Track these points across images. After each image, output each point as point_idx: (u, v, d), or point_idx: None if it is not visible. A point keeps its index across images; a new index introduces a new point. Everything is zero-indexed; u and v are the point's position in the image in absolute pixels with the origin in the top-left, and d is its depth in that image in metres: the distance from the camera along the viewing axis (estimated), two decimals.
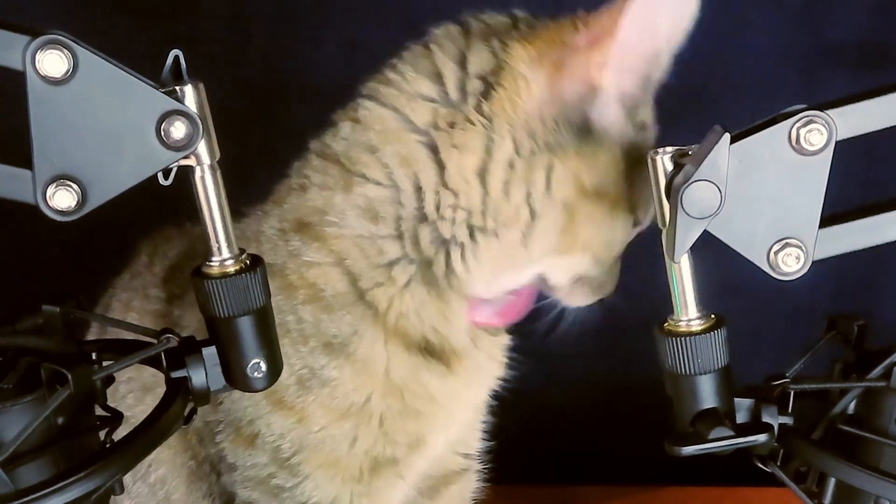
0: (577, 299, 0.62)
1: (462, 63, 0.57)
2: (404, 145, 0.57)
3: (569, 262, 0.59)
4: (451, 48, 0.58)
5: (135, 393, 0.64)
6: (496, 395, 0.68)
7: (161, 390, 0.60)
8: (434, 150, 0.57)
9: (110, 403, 0.48)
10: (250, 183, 0.63)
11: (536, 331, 0.64)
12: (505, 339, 0.66)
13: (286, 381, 0.59)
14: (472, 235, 0.58)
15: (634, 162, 0.57)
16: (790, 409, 0.50)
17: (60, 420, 0.45)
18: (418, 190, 0.58)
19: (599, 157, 0.56)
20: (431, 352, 0.60)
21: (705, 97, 0.90)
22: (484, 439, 0.70)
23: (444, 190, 0.57)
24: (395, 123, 0.58)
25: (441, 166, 0.57)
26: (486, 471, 0.72)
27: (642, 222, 0.60)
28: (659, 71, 0.57)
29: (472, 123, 0.56)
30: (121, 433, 0.47)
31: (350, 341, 0.59)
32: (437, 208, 0.58)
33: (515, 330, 0.66)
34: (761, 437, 0.48)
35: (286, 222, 0.61)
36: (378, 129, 0.58)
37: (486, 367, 0.64)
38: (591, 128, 0.56)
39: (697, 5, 0.54)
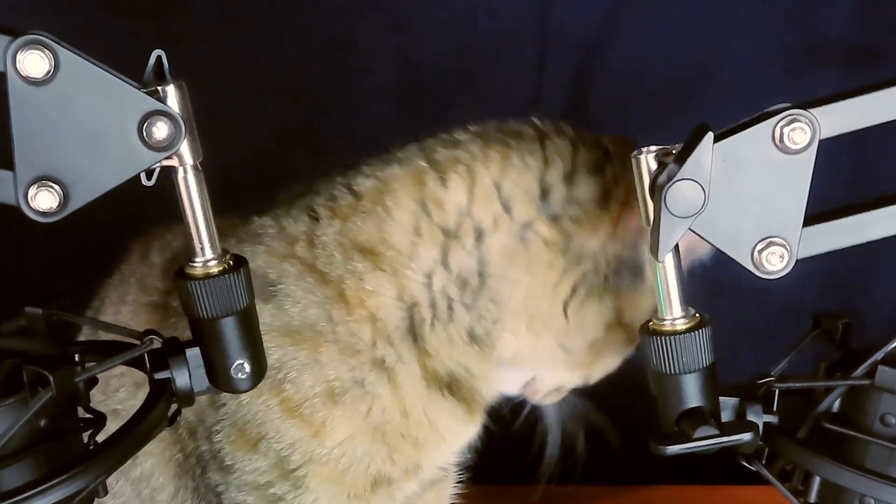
0: (545, 399, 0.67)
1: (569, 181, 0.60)
2: (506, 232, 0.60)
3: (569, 375, 0.65)
4: (562, 160, 0.61)
5: (127, 388, 0.63)
6: None
7: None
8: (526, 248, 0.60)
9: (101, 398, 0.48)
10: (235, 183, 0.63)
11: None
12: None
13: (309, 390, 0.59)
14: (520, 327, 0.62)
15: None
16: (775, 408, 0.50)
17: (43, 422, 0.44)
18: (504, 279, 0.60)
19: (640, 297, 0.61)
20: (455, 392, 0.62)
21: (692, 96, 0.90)
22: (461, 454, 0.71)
23: (523, 288, 0.60)
24: (498, 204, 0.60)
25: (529, 268, 0.60)
26: (473, 471, 0.72)
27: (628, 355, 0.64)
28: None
29: (559, 242, 0.60)
30: (113, 428, 0.46)
31: (396, 367, 0.60)
32: (512, 299, 0.61)
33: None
34: (746, 436, 0.48)
35: (348, 240, 0.60)
36: (483, 200, 0.60)
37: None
38: (642, 270, 0.60)
39: None
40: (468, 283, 0.60)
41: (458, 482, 0.71)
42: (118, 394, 0.64)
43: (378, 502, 0.62)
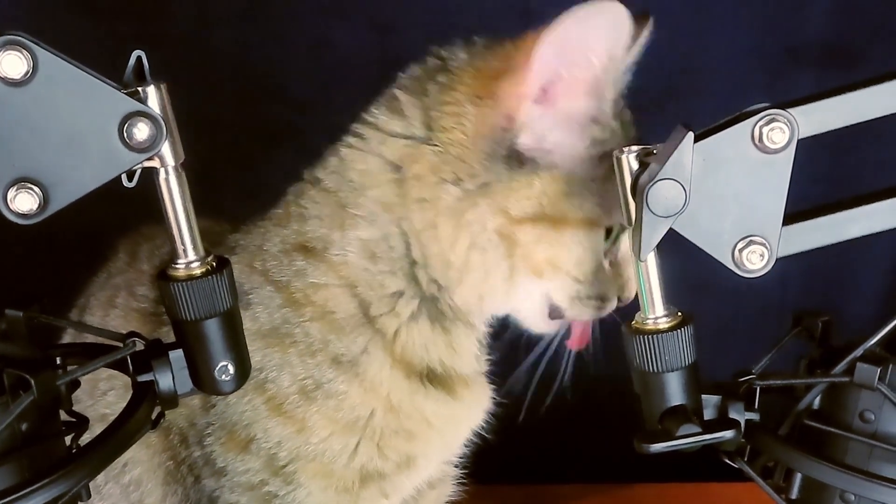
0: (582, 315, 0.62)
1: (423, 101, 0.59)
2: (384, 190, 0.59)
3: (551, 283, 0.60)
4: (413, 86, 0.60)
5: (116, 391, 0.63)
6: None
7: None
8: (401, 180, 0.59)
9: (89, 402, 0.48)
10: (218, 184, 0.63)
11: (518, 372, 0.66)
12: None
13: (288, 389, 0.60)
14: (446, 270, 0.60)
15: (595, 175, 0.58)
16: (756, 406, 0.51)
17: (24, 426, 0.44)
18: (404, 234, 0.60)
19: (534, 184, 0.58)
20: (433, 380, 0.62)
21: (670, 96, 0.90)
22: (466, 446, 0.71)
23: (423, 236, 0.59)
24: (376, 164, 0.60)
25: (405, 197, 0.59)
26: (462, 472, 0.72)
27: (615, 226, 0.60)
28: (610, 89, 0.58)
29: (428, 158, 0.58)
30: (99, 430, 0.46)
31: (359, 360, 0.60)
32: (423, 253, 0.60)
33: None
34: (728, 434, 0.49)
35: (289, 245, 0.62)
36: (360, 169, 0.60)
37: (484, 390, 0.66)
38: (521, 158, 0.57)
39: (629, 25, 0.55)
40: (377, 255, 0.60)
41: (459, 480, 0.71)
42: (106, 397, 0.63)
43: (368, 496, 0.62)
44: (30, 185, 0.44)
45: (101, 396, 0.63)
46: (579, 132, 0.58)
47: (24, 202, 0.44)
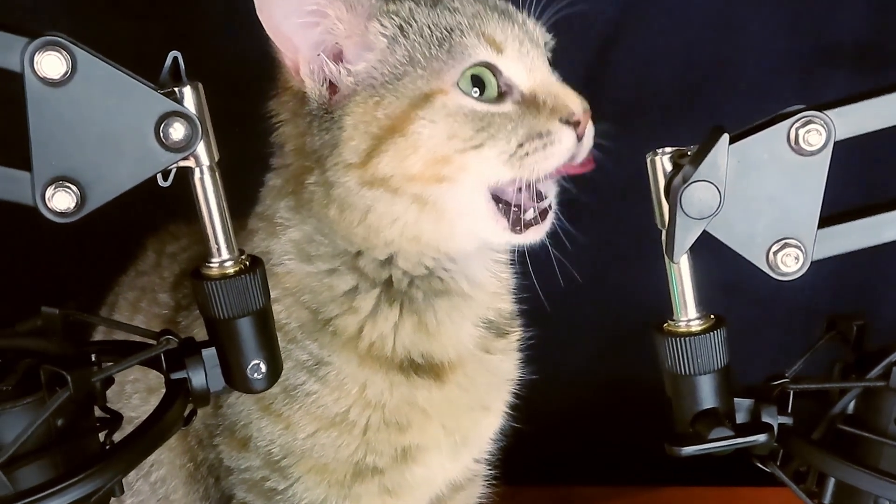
0: (537, 168, 0.55)
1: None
2: (285, 201, 0.60)
3: (463, 175, 0.55)
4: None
5: (140, 394, 0.64)
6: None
7: None
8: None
9: (115, 404, 0.48)
10: (250, 184, 0.63)
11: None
12: (516, 337, 0.65)
13: (273, 389, 0.58)
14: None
15: (393, 59, 0.56)
16: (790, 410, 0.50)
17: (60, 422, 0.45)
18: (320, 230, 0.59)
19: (346, 123, 0.56)
20: (416, 369, 0.61)
21: (704, 97, 0.90)
22: (495, 442, 0.70)
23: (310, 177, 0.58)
24: (273, 182, 0.61)
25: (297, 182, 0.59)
26: (491, 472, 0.72)
27: (468, 70, 0.55)
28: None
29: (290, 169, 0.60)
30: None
31: (321, 364, 0.60)
32: (350, 241, 0.59)
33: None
34: (761, 438, 0.48)
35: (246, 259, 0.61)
36: (269, 186, 0.61)
37: (496, 370, 0.64)
38: (328, 111, 0.57)
39: None
40: (311, 254, 0.59)
41: (488, 483, 0.71)
42: (132, 400, 0.64)
43: (366, 493, 0.61)
44: (67, 184, 0.45)
45: (128, 400, 0.64)
46: (356, 51, 0.57)
47: (61, 201, 0.45)
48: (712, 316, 0.49)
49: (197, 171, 0.47)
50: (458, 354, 0.62)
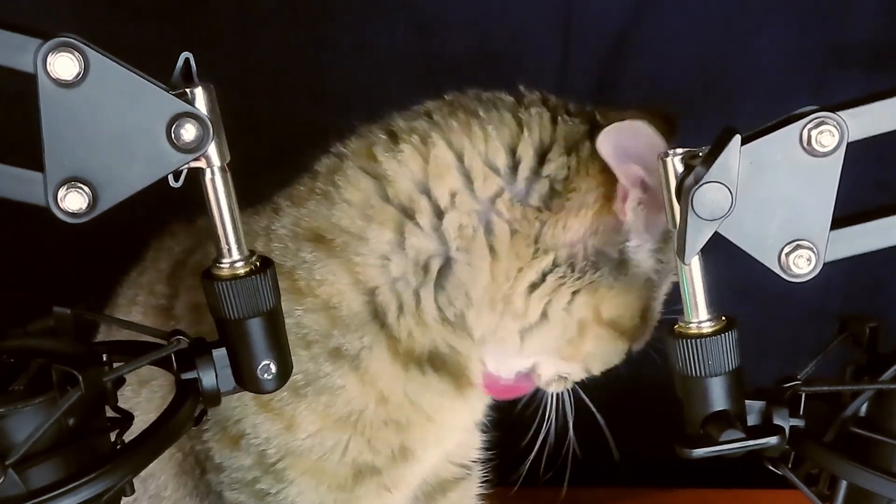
0: (549, 387, 0.64)
1: (541, 159, 0.56)
2: (466, 211, 0.56)
3: (564, 366, 0.62)
4: (536, 136, 0.56)
5: (132, 386, 0.63)
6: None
7: (157, 383, 0.60)
8: (488, 231, 0.56)
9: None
10: (260, 185, 0.63)
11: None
12: None
13: None
14: (484, 307, 0.58)
15: (646, 300, 0.59)
16: (801, 412, 0.50)
17: (71, 421, 0.45)
18: (470, 264, 0.57)
19: (624, 293, 0.58)
20: (437, 367, 0.60)
21: (716, 98, 0.90)
22: (482, 448, 0.70)
23: (487, 272, 0.57)
24: (460, 181, 0.56)
25: (493, 252, 0.56)
26: (494, 474, 0.72)
27: (634, 351, 0.62)
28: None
29: (530, 224, 0.56)
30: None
31: (360, 355, 0.58)
32: (478, 283, 0.57)
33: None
34: (772, 440, 0.48)
35: (301, 228, 0.58)
36: (444, 179, 0.56)
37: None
38: (626, 265, 0.57)
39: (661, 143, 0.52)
40: (429, 268, 0.56)
41: (483, 482, 0.71)
42: (124, 392, 0.63)
43: (366, 493, 0.61)
44: (80, 185, 0.45)
45: (120, 393, 0.64)
46: (658, 251, 0.58)
47: (73, 201, 0.45)
48: (723, 318, 0.49)
49: (208, 171, 0.47)
50: (478, 371, 0.61)
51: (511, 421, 0.69)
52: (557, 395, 0.64)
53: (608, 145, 0.53)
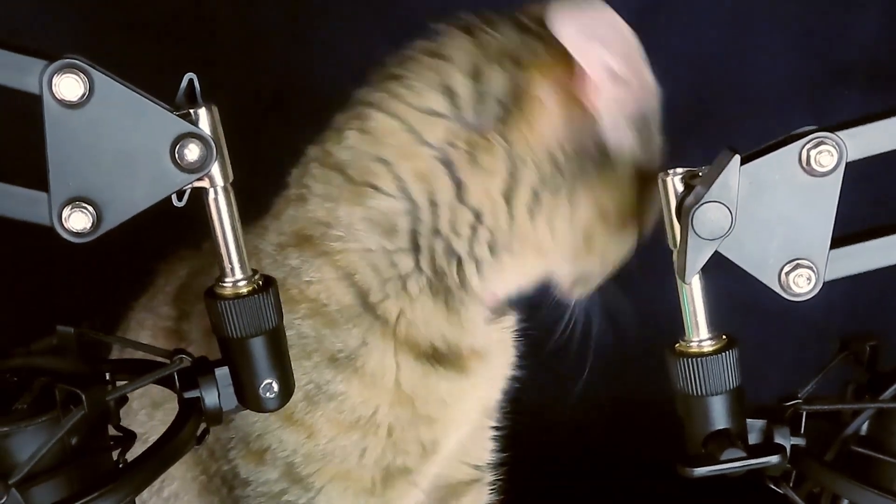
0: (574, 294, 0.62)
1: (477, 81, 0.56)
2: (420, 160, 0.57)
3: (580, 269, 0.61)
4: (463, 62, 0.56)
5: (146, 410, 0.64)
6: (509, 416, 0.68)
7: (170, 405, 0.60)
8: (449, 166, 0.57)
9: (123, 422, 0.48)
10: (264, 203, 0.63)
11: (551, 339, 0.64)
12: (511, 323, 0.65)
13: (294, 396, 0.57)
14: (493, 252, 0.58)
15: (643, 180, 0.58)
16: (802, 431, 0.50)
17: (74, 440, 0.45)
18: (433, 205, 0.57)
19: (617, 180, 0.57)
20: (439, 358, 0.60)
21: (714, 117, 0.90)
22: (494, 451, 0.70)
23: (462, 207, 0.57)
24: (407, 137, 0.57)
25: (458, 184, 0.57)
26: (499, 490, 0.72)
27: (645, 235, 0.60)
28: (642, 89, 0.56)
29: (493, 146, 0.56)
30: (135, 450, 0.47)
31: (357, 354, 0.58)
32: (454, 224, 0.58)
33: (530, 339, 0.66)
34: (773, 459, 0.48)
35: (284, 236, 0.59)
36: (390, 143, 0.57)
37: (498, 361, 0.64)
38: (607, 152, 0.56)
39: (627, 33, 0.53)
40: (397, 227, 0.57)
41: (494, 489, 0.71)
42: (138, 416, 0.64)
43: (396, 494, 0.61)
44: (84, 205, 0.45)
45: (134, 416, 0.64)
46: (641, 130, 0.57)
47: (78, 221, 0.45)
48: (724, 336, 0.49)
49: (211, 191, 0.48)
50: (483, 343, 0.61)
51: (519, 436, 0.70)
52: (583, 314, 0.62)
53: (568, 26, 0.52)
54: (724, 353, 0.48)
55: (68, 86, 0.44)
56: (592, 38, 0.53)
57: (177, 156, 0.46)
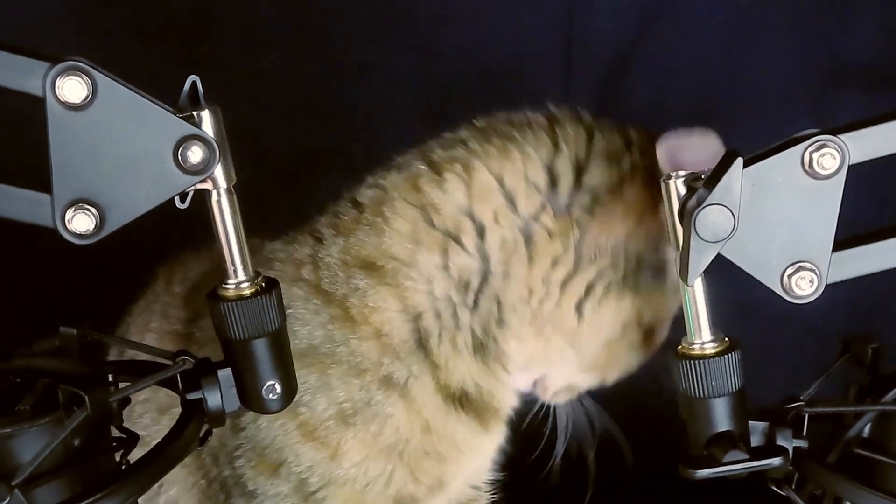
0: (555, 399, 0.65)
1: (580, 170, 0.58)
2: (507, 229, 0.58)
3: (579, 374, 0.63)
4: (573, 150, 0.58)
5: (151, 414, 0.64)
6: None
7: (177, 411, 0.61)
8: (528, 241, 0.58)
9: (126, 424, 0.49)
10: (265, 206, 0.64)
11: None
12: None
13: (323, 413, 0.58)
14: (526, 329, 0.60)
15: (676, 306, 0.60)
16: (805, 433, 0.50)
17: (77, 442, 0.45)
18: (506, 276, 0.58)
19: (661, 296, 0.59)
20: (465, 404, 0.61)
21: (717, 120, 0.90)
22: (494, 471, 0.70)
23: (524, 284, 0.58)
24: (503, 202, 0.58)
25: (531, 261, 0.58)
26: (499, 489, 0.72)
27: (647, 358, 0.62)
28: None
29: (571, 232, 0.57)
30: (137, 454, 0.47)
31: (408, 383, 0.59)
32: (514, 296, 0.59)
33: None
34: (776, 461, 0.48)
35: (350, 256, 0.59)
36: (486, 202, 0.58)
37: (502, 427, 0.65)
38: (664, 268, 0.58)
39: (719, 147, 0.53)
40: (469, 285, 0.58)
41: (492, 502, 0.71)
42: (143, 419, 0.64)
43: None
44: (87, 207, 0.45)
45: (138, 418, 0.64)
46: None
47: (81, 223, 0.45)
48: (727, 339, 0.49)
49: (214, 193, 0.48)
50: (507, 405, 0.63)
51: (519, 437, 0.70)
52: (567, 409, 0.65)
53: (668, 152, 0.54)
54: (726, 356, 0.48)
55: (72, 88, 0.44)
56: (683, 164, 0.53)
57: (180, 158, 0.46)
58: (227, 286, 0.49)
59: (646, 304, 0.59)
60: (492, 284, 0.58)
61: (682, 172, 0.48)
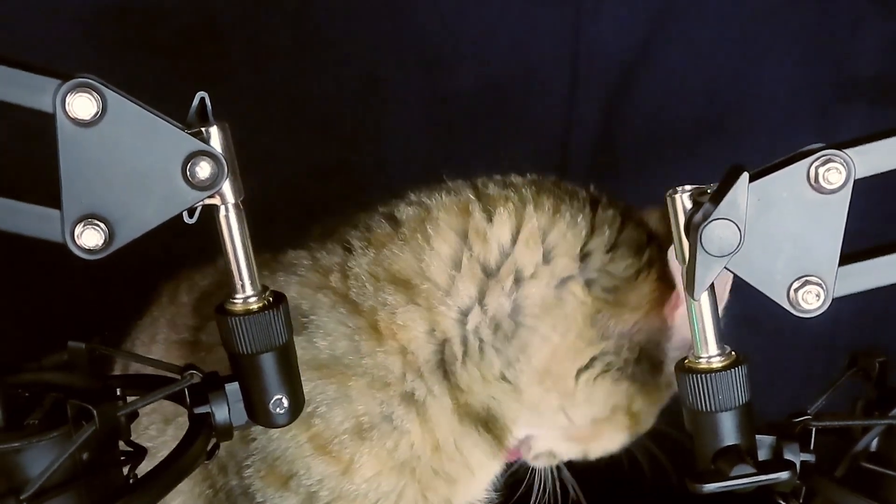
0: (536, 461, 0.66)
1: (609, 252, 0.60)
2: (545, 283, 0.59)
3: (564, 444, 0.64)
4: (608, 230, 0.60)
5: (157, 425, 0.64)
6: None
7: (182, 420, 0.61)
8: (561, 302, 0.59)
9: (133, 435, 0.49)
10: (271, 219, 0.64)
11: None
12: None
13: (339, 426, 0.58)
14: (531, 382, 0.61)
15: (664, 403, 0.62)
16: (812, 447, 0.50)
17: (85, 456, 0.45)
18: (534, 329, 0.59)
19: (655, 389, 0.61)
20: (485, 423, 0.61)
21: (723, 135, 0.90)
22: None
23: (549, 342, 0.59)
24: (541, 257, 0.59)
25: (558, 321, 0.59)
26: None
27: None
28: None
29: (594, 309, 0.59)
30: (143, 465, 0.47)
31: (426, 401, 0.59)
32: (535, 349, 0.60)
33: None
34: (783, 475, 0.48)
35: (382, 269, 0.59)
36: (530, 252, 0.59)
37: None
38: (662, 363, 0.60)
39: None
40: (501, 327, 0.59)
41: None
42: (148, 431, 0.64)
43: None
44: (96, 222, 0.45)
45: (144, 430, 0.64)
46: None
47: (90, 238, 0.45)
48: (733, 353, 0.49)
49: (222, 208, 0.48)
50: (519, 431, 0.63)
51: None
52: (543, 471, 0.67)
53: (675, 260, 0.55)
54: (733, 370, 0.48)
55: (82, 105, 0.44)
56: None
57: (188, 173, 0.46)
58: (235, 301, 0.49)
59: (638, 393, 0.61)
60: (520, 335, 0.59)
61: (688, 187, 0.48)
